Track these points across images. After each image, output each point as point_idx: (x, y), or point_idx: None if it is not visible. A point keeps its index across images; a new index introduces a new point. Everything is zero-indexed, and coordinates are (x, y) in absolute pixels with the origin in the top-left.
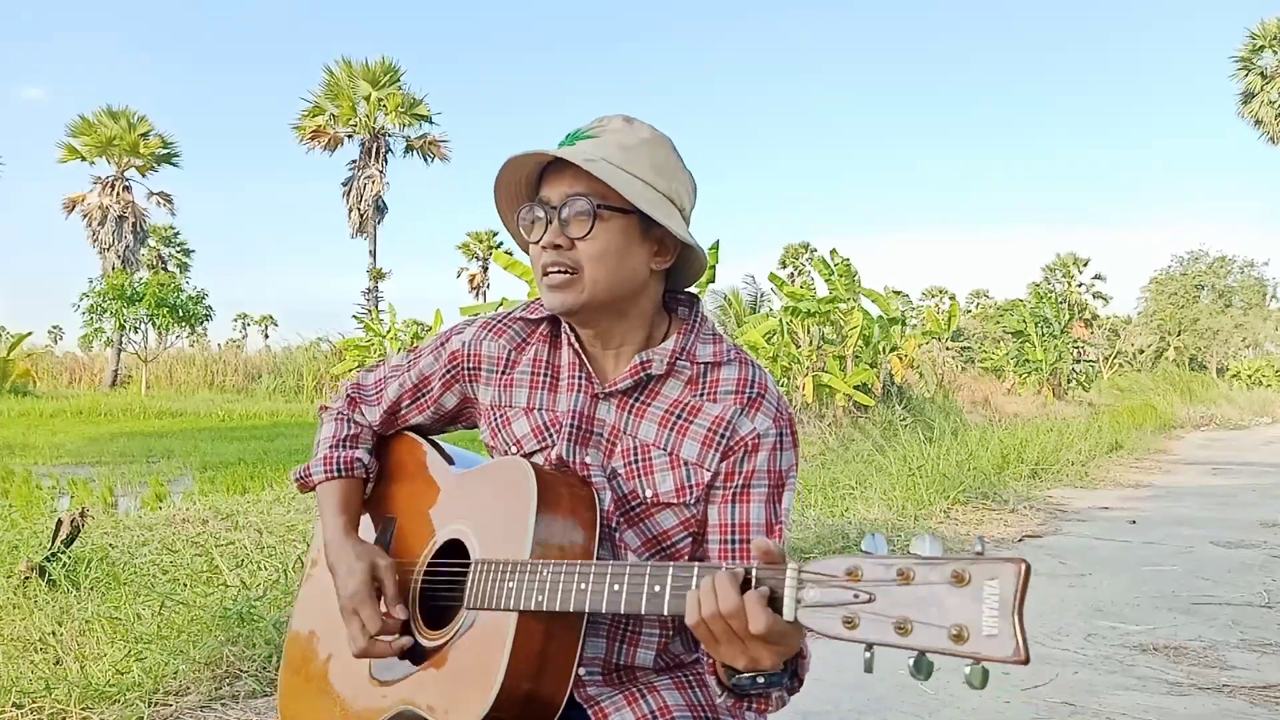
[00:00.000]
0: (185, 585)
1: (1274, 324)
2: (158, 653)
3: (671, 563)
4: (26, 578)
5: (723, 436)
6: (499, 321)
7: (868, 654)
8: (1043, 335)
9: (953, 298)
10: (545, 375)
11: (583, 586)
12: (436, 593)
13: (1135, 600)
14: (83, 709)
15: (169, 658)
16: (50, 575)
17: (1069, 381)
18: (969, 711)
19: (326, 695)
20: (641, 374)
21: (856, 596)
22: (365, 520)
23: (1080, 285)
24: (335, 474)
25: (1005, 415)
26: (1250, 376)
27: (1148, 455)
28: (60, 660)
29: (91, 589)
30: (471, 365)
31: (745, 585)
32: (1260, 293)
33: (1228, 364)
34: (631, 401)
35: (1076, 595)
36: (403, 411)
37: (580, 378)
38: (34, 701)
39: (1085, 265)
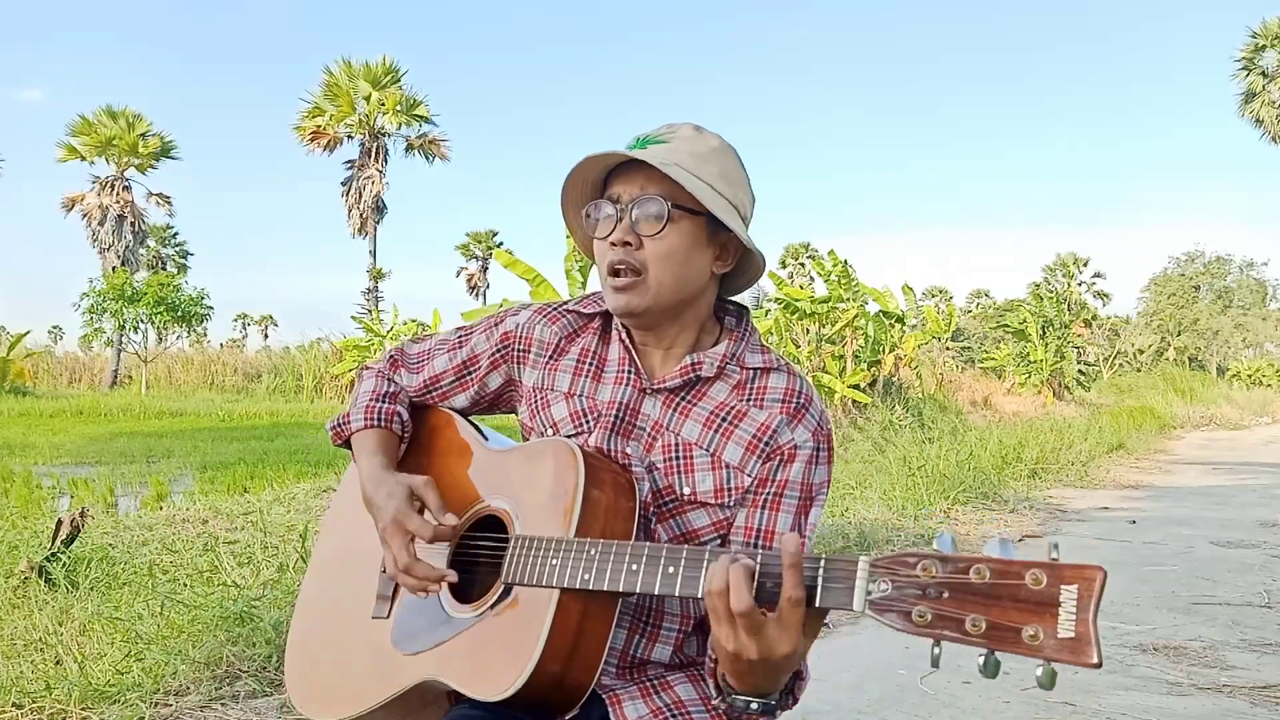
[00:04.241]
0: (185, 585)
1: (1274, 324)
2: (158, 653)
3: (727, 549)
4: (26, 578)
5: (766, 444)
6: (554, 310)
7: (936, 650)
8: (1044, 335)
9: (949, 299)
10: (591, 365)
11: (634, 568)
12: (469, 566)
13: (1135, 600)
14: (83, 709)
15: (169, 658)
16: (50, 575)
17: (1071, 381)
18: (968, 711)
19: (341, 667)
20: (691, 374)
21: (927, 593)
22: None
23: (1080, 285)
24: (375, 423)
25: (1005, 415)
26: (1250, 376)
27: (1148, 455)
28: (60, 660)
29: (91, 589)
30: (522, 347)
31: (752, 576)
32: (1260, 293)
33: (1228, 364)
34: (678, 400)
35: None
36: (443, 387)
37: (629, 372)
38: (34, 701)
39: (1085, 265)
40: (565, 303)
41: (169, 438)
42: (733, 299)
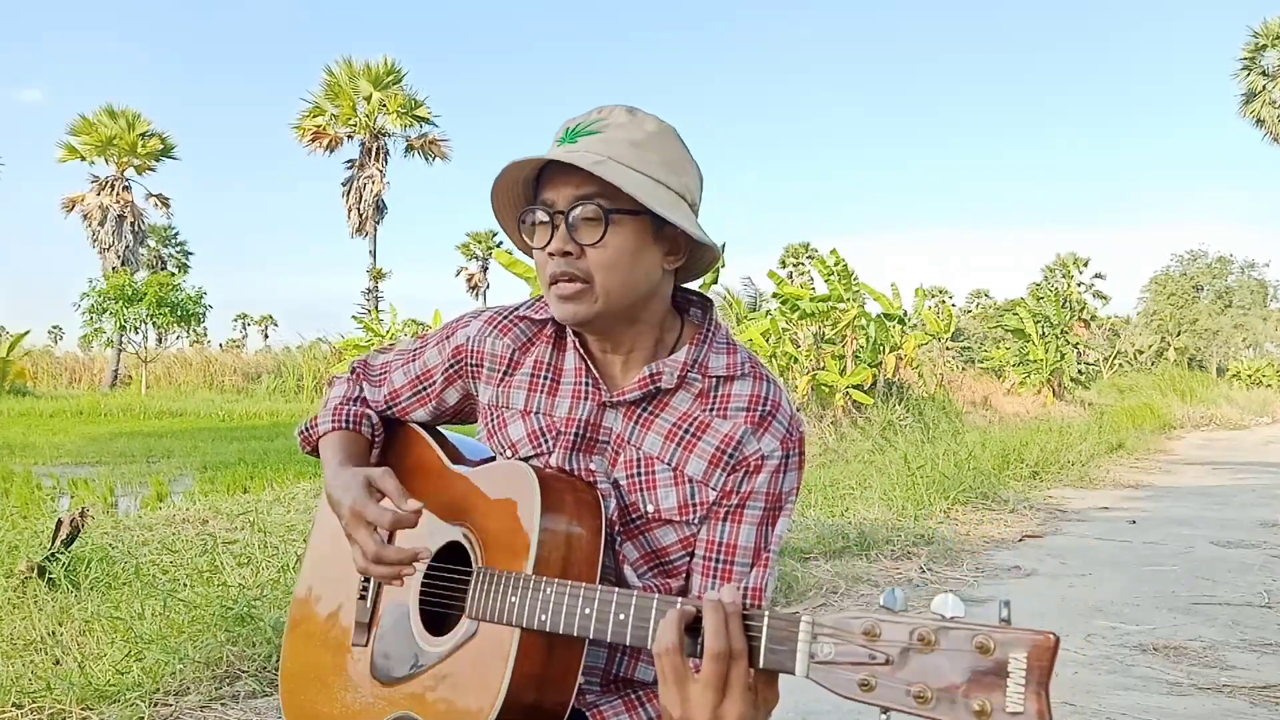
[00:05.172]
0: (185, 585)
1: (1274, 324)
2: (158, 653)
3: (679, 599)
4: (26, 578)
5: (731, 455)
6: (505, 319)
7: (884, 717)
8: (1044, 335)
9: (945, 300)
10: (545, 378)
11: (587, 612)
12: (437, 596)
13: (1135, 600)
14: (83, 709)
15: (169, 658)
16: (50, 575)
17: (1071, 382)
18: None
19: (329, 693)
20: (651, 386)
21: (873, 657)
22: None
23: (1080, 285)
24: (343, 424)
25: (1005, 415)
26: (1250, 376)
27: (1147, 455)
28: (60, 660)
29: (91, 589)
30: (475, 362)
31: (695, 624)
32: (1260, 293)
33: (1228, 364)
34: (639, 412)
35: (1076, 595)
36: (402, 403)
37: (587, 384)
38: (34, 701)
39: (1085, 265)
40: (516, 308)
41: (169, 438)
42: (696, 290)
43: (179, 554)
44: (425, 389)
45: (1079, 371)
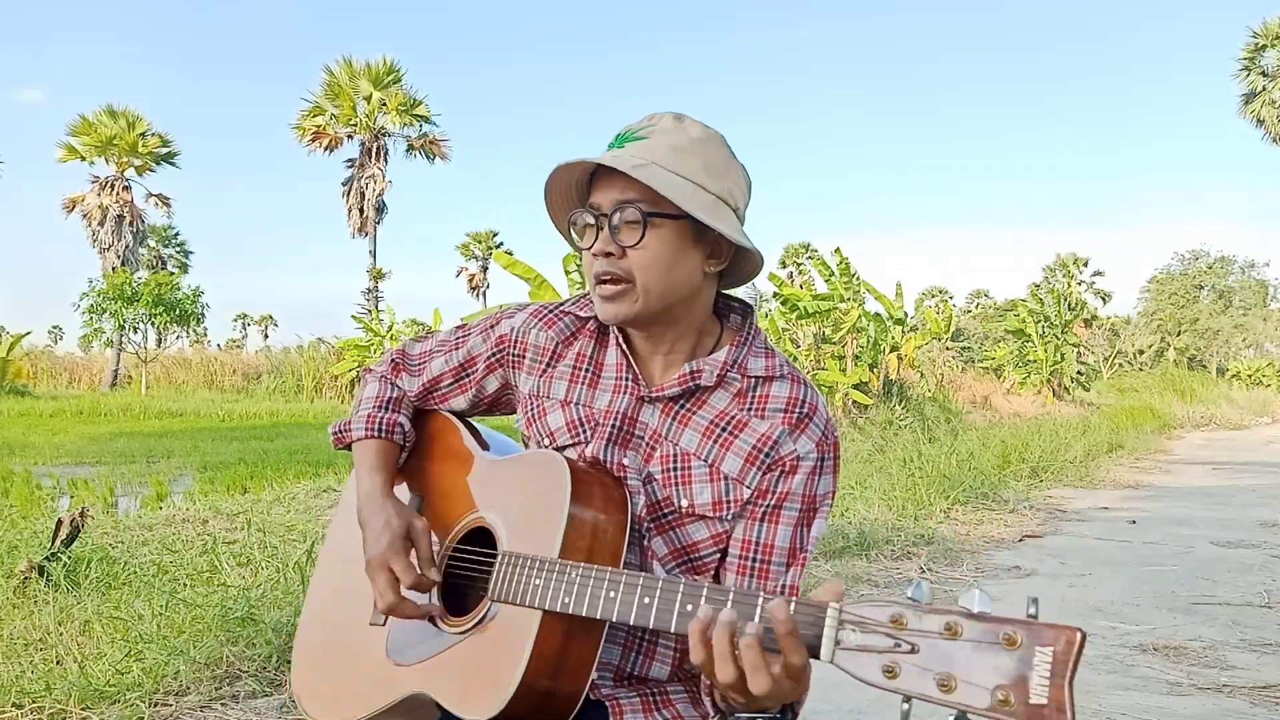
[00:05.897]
0: (185, 585)
1: (1274, 324)
2: (158, 653)
3: (705, 583)
4: (26, 578)
5: (766, 455)
6: (550, 312)
7: (906, 705)
8: (1044, 335)
9: (943, 300)
10: (587, 371)
11: (611, 595)
12: (460, 579)
13: (1135, 600)
14: (83, 709)
15: (169, 658)
16: (50, 575)
17: (1071, 381)
18: None
19: (341, 671)
20: (690, 383)
21: (899, 645)
22: (396, 491)
23: (1080, 285)
24: (375, 434)
25: (1005, 415)
26: (1250, 376)
27: (1147, 455)
28: (60, 660)
29: (91, 589)
30: (518, 351)
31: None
32: (1261, 293)
33: (1228, 364)
34: (677, 408)
35: (1076, 595)
36: (442, 389)
37: (627, 379)
38: (34, 701)
39: (1085, 265)
40: (562, 303)
41: (169, 438)
42: (737, 297)
43: (179, 554)
44: (467, 375)
45: (1079, 371)
